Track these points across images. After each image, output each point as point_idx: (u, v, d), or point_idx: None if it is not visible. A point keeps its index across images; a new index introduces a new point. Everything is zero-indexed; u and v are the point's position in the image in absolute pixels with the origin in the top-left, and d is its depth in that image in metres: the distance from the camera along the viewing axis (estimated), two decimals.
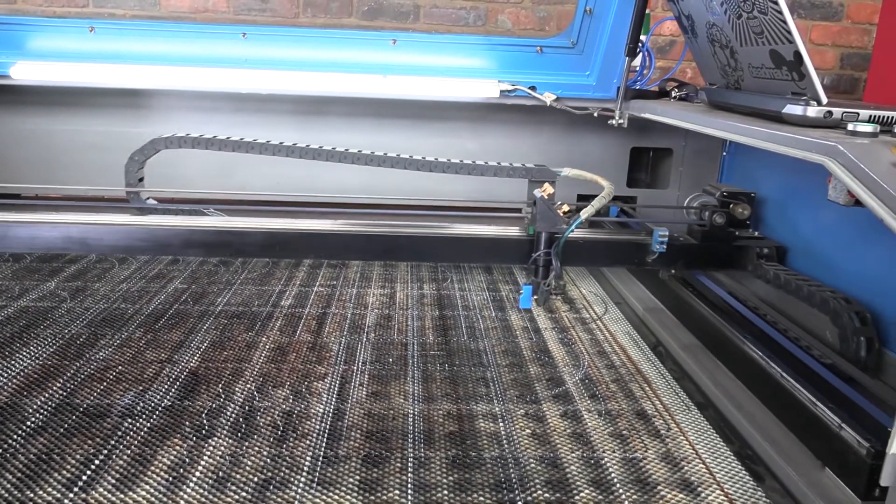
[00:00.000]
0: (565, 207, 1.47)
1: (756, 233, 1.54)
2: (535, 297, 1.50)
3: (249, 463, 0.91)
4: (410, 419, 1.03)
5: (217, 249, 1.57)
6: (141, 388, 1.09)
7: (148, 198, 1.64)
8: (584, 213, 1.42)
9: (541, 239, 1.43)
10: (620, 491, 0.88)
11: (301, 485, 0.87)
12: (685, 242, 1.50)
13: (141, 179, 1.62)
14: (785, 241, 1.45)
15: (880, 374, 1.05)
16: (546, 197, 1.44)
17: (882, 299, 1.11)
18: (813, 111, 1.08)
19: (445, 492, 0.86)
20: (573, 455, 0.95)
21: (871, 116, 1.06)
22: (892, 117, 1.07)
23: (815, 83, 1.07)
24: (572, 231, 1.41)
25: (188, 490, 0.84)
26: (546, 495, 0.86)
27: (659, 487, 0.89)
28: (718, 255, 1.49)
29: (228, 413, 1.03)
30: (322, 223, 1.56)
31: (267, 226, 1.52)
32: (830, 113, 1.08)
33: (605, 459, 0.94)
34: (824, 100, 1.08)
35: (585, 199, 1.60)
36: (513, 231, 1.53)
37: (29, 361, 1.16)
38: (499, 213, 1.82)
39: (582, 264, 1.57)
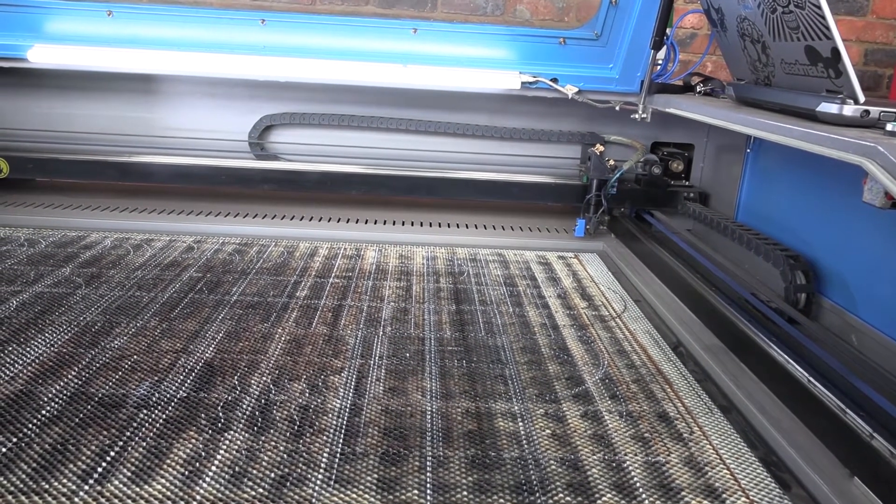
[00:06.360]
0: (611, 162, 1.88)
1: (687, 182, 1.98)
2: (588, 227, 1.90)
3: (266, 458, 0.89)
4: (428, 416, 1.01)
5: (285, 184, 2.01)
6: (156, 378, 1.08)
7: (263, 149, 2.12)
8: (626, 165, 1.87)
9: (593, 184, 1.88)
10: (644, 496, 0.86)
11: (318, 482, 0.85)
12: (631, 188, 1.95)
13: (262, 147, 2.11)
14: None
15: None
16: (598, 153, 1.87)
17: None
18: (849, 110, 1.05)
19: (465, 492, 0.85)
20: (594, 457, 0.93)
21: None
22: None
23: (852, 81, 1.04)
24: (617, 178, 1.86)
25: (204, 485, 0.83)
26: (567, 499, 0.84)
27: (683, 493, 0.87)
28: (655, 197, 1.94)
29: (244, 406, 1.01)
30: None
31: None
32: (868, 112, 1.04)
33: (627, 462, 0.93)
34: (862, 98, 1.05)
35: None
36: (571, 180, 2.03)
37: (44, 349, 1.16)
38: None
39: (619, 203, 1.98)
